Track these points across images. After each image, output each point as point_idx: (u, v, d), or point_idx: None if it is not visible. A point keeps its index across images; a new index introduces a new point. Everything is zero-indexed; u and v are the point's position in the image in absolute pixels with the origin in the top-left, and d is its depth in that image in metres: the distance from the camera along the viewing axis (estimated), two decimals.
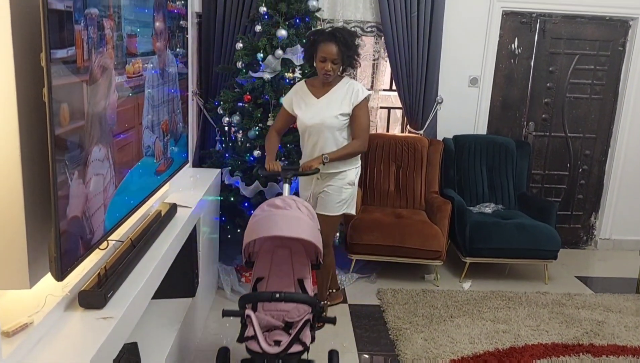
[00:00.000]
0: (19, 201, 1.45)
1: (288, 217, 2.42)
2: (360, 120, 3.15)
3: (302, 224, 2.42)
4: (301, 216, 2.46)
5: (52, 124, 1.35)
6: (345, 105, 3.11)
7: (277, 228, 2.37)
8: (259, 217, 2.44)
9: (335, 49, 2.99)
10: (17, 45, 1.37)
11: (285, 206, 2.47)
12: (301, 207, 2.53)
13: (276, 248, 2.64)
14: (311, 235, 2.43)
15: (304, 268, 2.64)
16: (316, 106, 3.15)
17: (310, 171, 3.04)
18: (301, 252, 2.63)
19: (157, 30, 2.33)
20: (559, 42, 4.69)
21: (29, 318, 1.51)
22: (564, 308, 3.76)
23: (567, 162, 4.95)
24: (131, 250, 2.10)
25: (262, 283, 2.63)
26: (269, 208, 2.47)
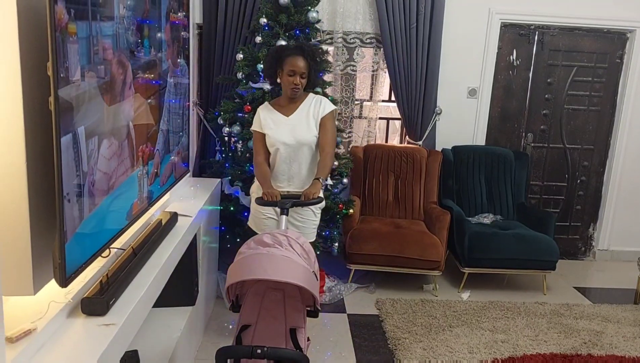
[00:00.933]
0: (24, 208, 1.47)
1: (276, 258, 2.14)
2: (327, 130, 3.01)
3: (291, 266, 2.14)
4: (292, 256, 2.18)
5: (58, 132, 1.38)
6: (316, 122, 3.02)
7: (261, 270, 2.09)
8: (244, 256, 2.19)
9: (303, 63, 2.89)
10: (24, 54, 1.39)
11: (275, 243, 2.22)
12: (294, 244, 2.26)
13: (267, 291, 2.35)
14: (303, 279, 2.14)
15: (298, 315, 2.34)
16: (288, 125, 3.01)
17: (314, 200, 2.79)
18: (296, 296, 2.35)
19: (165, 42, 2.36)
20: (557, 54, 4.74)
21: (32, 324, 1.53)
22: (563, 318, 3.77)
23: (565, 173, 4.98)
24: (133, 258, 2.12)
25: (249, 332, 2.33)
26: (256, 246, 2.23)
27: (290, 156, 3.02)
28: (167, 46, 2.51)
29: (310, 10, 3.80)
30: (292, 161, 3.04)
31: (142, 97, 2.14)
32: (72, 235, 1.54)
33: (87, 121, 1.58)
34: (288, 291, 2.35)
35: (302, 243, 2.32)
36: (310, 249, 2.38)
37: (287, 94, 3.00)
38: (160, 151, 2.49)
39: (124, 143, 1.94)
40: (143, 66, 2.13)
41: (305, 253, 2.29)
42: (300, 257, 2.22)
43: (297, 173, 3.06)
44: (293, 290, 2.33)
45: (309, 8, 3.80)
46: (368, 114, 4.74)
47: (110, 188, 1.83)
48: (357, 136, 4.80)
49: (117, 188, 1.91)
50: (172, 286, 2.55)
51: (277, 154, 3.02)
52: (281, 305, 2.34)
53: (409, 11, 4.32)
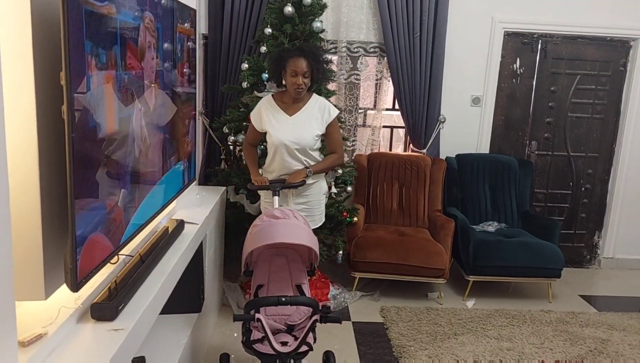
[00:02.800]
0: (36, 214, 1.50)
1: (289, 225, 2.57)
2: (335, 136, 3.26)
3: (302, 231, 2.58)
4: (300, 224, 2.62)
5: (71, 140, 1.40)
6: (318, 125, 3.17)
7: (280, 236, 2.51)
8: (260, 226, 2.58)
9: (304, 63, 3.01)
10: (38, 64, 1.43)
11: (284, 216, 2.63)
12: (297, 216, 2.69)
13: (273, 257, 2.77)
14: (311, 241, 2.59)
15: (301, 274, 2.78)
16: (290, 124, 3.16)
17: (297, 183, 3.12)
18: (297, 259, 2.78)
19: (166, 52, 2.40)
20: (561, 62, 4.77)
21: (43, 328, 1.55)
22: (568, 326, 3.77)
23: (569, 181, 4.99)
24: (140, 265, 2.14)
25: (263, 290, 2.75)
26: (269, 219, 2.61)
27: (291, 155, 3.17)
28: (176, 56, 2.55)
29: (315, 20, 3.84)
30: (293, 160, 3.18)
31: (154, 106, 2.17)
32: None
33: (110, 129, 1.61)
34: (290, 256, 2.77)
35: (302, 216, 2.74)
36: (306, 219, 2.77)
37: (292, 94, 3.11)
38: (170, 158, 2.52)
39: (152, 147, 1.97)
40: (156, 75, 2.16)
41: (304, 222, 2.70)
42: (305, 224, 2.66)
43: (287, 171, 3.22)
44: (294, 254, 2.77)
45: (313, 18, 3.84)
46: (372, 122, 4.76)
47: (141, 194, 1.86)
48: (361, 145, 4.83)
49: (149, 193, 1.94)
50: (179, 293, 2.57)
51: (277, 154, 3.19)
52: (286, 267, 2.78)
53: (412, 20, 4.36)
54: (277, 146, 3.15)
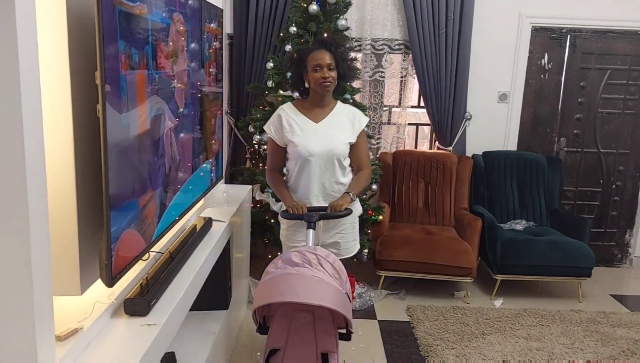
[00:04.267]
0: (72, 211, 1.53)
1: (306, 278, 2.01)
2: (364, 148, 2.79)
3: (324, 287, 2.01)
4: (324, 276, 2.05)
5: (105, 138, 1.43)
6: (349, 132, 2.72)
7: (291, 293, 1.97)
8: (272, 276, 2.07)
9: (327, 55, 2.60)
10: (73, 64, 1.46)
11: (304, 262, 2.08)
12: (324, 263, 2.12)
13: (296, 312, 2.23)
14: (336, 302, 2.01)
15: (330, 338, 2.21)
16: (318, 132, 2.67)
17: (342, 212, 2.56)
18: (327, 318, 2.21)
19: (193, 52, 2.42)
20: (590, 57, 4.68)
21: (79, 323, 1.58)
22: (599, 326, 3.70)
23: (600, 178, 4.90)
24: (170, 262, 2.17)
25: (278, 357, 2.22)
26: (284, 265, 2.10)
27: (322, 168, 2.67)
28: (204, 55, 2.57)
29: (339, 18, 3.84)
30: (324, 174, 2.68)
31: (183, 105, 2.20)
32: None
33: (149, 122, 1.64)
34: (318, 313, 2.22)
35: (332, 261, 2.17)
36: (342, 267, 2.21)
37: (319, 92, 2.64)
38: (199, 157, 2.54)
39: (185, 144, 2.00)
40: (185, 74, 2.19)
41: (336, 272, 2.13)
42: (331, 277, 2.08)
43: (330, 187, 2.71)
44: (323, 311, 2.19)
45: (337, 16, 3.84)
46: (397, 120, 4.74)
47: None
48: (386, 142, 4.81)
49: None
50: (207, 290, 2.59)
51: (304, 168, 2.67)
52: (311, 327, 2.21)
53: (438, 17, 4.33)
54: (305, 158, 2.64)
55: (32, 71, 1.23)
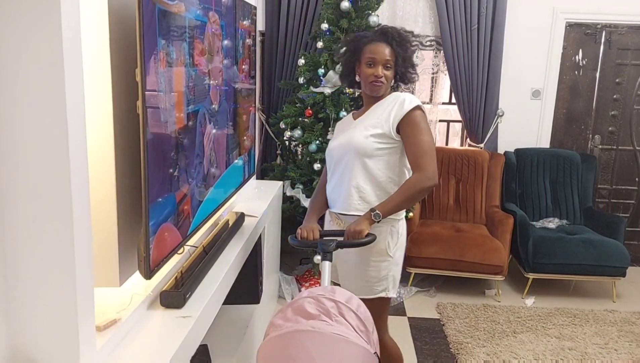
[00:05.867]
0: (112, 205, 1.57)
1: (324, 337, 1.54)
2: (413, 141, 2.13)
3: (348, 348, 1.54)
4: (346, 331, 1.57)
5: (145, 134, 1.47)
6: (381, 120, 2.18)
7: (306, 357, 1.50)
8: (281, 333, 1.59)
9: (387, 49, 2.16)
10: (114, 61, 1.50)
11: (321, 313, 1.60)
12: (346, 313, 1.62)
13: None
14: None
15: None
16: (351, 128, 2.29)
17: (362, 239, 2.06)
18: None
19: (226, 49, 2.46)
20: (626, 53, 4.57)
21: (117, 314, 1.63)
22: (634, 327, 3.63)
23: (635, 176, 4.79)
24: (204, 256, 2.21)
25: None
26: (296, 317, 1.62)
27: (341, 167, 2.26)
28: (238, 52, 2.61)
29: (371, 14, 3.84)
30: (342, 175, 2.25)
31: (219, 102, 2.24)
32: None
33: None
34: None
35: (355, 309, 1.65)
36: (367, 315, 1.70)
37: (367, 91, 2.26)
38: (232, 153, 2.58)
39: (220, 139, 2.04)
40: (220, 71, 2.23)
41: (361, 323, 1.64)
42: (356, 332, 1.60)
43: (347, 192, 2.22)
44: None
45: (369, 12, 3.85)
46: (428, 116, 4.70)
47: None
48: None
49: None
50: (238, 284, 2.63)
51: (329, 168, 2.36)
52: None
53: (470, 12, 4.29)
54: (329, 158, 2.34)
55: (76, 69, 1.28)
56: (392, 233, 2.24)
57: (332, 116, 3.80)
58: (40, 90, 1.22)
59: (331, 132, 3.79)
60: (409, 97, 2.19)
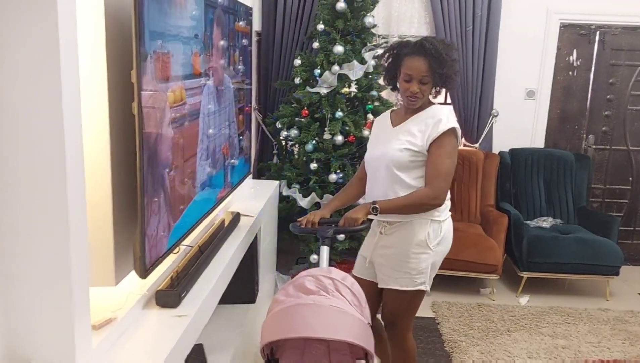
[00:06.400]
0: (108, 204, 1.59)
1: (324, 309, 1.75)
2: (434, 159, 2.23)
3: (344, 318, 1.76)
4: (342, 305, 1.79)
5: (141, 135, 1.49)
6: (417, 137, 2.26)
7: (307, 327, 1.72)
8: (284, 307, 1.80)
9: (424, 65, 2.19)
10: (110, 61, 1.52)
11: (319, 289, 1.82)
12: (342, 289, 1.85)
13: (308, 343, 2.02)
14: (358, 334, 1.76)
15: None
16: (388, 135, 2.36)
17: (356, 226, 2.24)
18: (342, 348, 2.01)
19: (214, 48, 2.47)
20: (620, 53, 4.60)
21: (112, 313, 1.64)
22: (627, 325, 3.66)
23: (629, 176, 4.82)
24: (200, 255, 2.22)
25: None
26: (297, 293, 1.83)
27: (375, 177, 2.37)
28: (234, 53, 2.62)
29: (367, 15, 3.86)
30: (375, 185, 2.37)
31: (215, 102, 2.25)
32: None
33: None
34: (333, 343, 2.01)
35: (350, 286, 1.89)
36: (360, 292, 1.92)
37: (404, 103, 2.33)
38: (228, 153, 2.60)
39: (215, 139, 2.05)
40: (217, 72, 2.24)
41: (355, 298, 1.87)
42: (351, 305, 1.82)
43: (375, 195, 2.36)
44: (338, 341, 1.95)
45: (364, 13, 3.86)
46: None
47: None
48: None
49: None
50: (234, 283, 2.64)
51: (368, 174, 2.45)
52: (326, 359, 2.01)
53: (465, 13, 4.31)
54: (368, 165, 2.43)
55: (73, 69, 1.29)
56: (434, 226, 2.32)
57: (328, 116, 3.82)
58: (36, 91, 1.24)
59: (327, 132, 3.80)
60: (445, 118, 2.25)
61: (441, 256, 2.42)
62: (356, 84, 3.86)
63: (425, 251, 2.31)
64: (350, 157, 3.93)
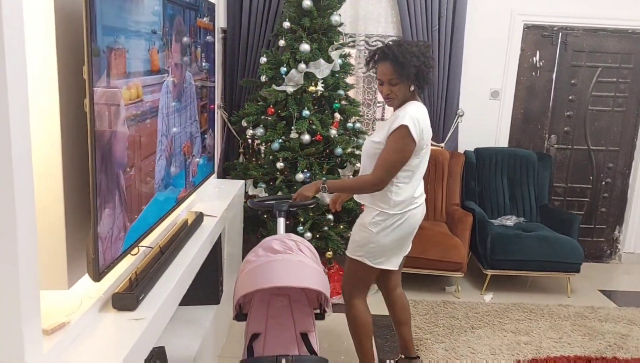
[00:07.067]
0: (60, 206, 1.54)
1: (292, 264, 2.10)
2: (383, 152, 2.49)
3: (307, 270, 2.10)
4: (305, 260, 2.14)
5: (93, 133, 1.44)
6: (384, 131, 2.53)
7: (279, 278, 2.05)
8: (255, 264, 2.12)
9: (388, 69, 2.44)
10: (60, 58, 1.46)
11: (285, 249, 2.16)
12: (303, 249, 2.21)
13: (272, 297, 2.32)
14: (319, 283, 2.11)
15: (307, 319, 2.31)
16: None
17: (306, 202, 2.61)
18: (302, 300, 2.32)
19: (169, 45, 2.42)
20: (581, 55, 4.70)
21: (66, 317, 1.59)
22: (587, 321, 3.74)
23: (589, 175, 4.94)
24: (160, 256, 2.18)
25: (259, 341, 2.30)
26: (266, 253, 2.16)
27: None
28: (196, 50, 2.58)
29: (333, 13, 3.85)
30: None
31: (174, 99, 2.21)
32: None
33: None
34: (294, 295, 2.32)
35: (308, 246, 2.26)
36: (315, 251, 2.30)
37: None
38: (190, 151, 2.55)
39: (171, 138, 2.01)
40: (177, 68, 2.20)
41: (313, 255, 2.24)
42: (312, 260, 2.18)
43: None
44: (299, 294, 2.31)
45: (331, 11, 3.85)
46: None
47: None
48: None
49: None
50: (198, 285, 2.61)
51: None
52: (288, 310, 2.32)
53: (431, 13, 4.34)
54: None
55: (19, 67, 1.24)
56: (382, 216, 2.57)
57: (295, 114, 3.80)
58: None
59: (294, 131, 3.79)
60: (403, 115, 2.45)
61: (386, 248, 2.63)
62: (323, 82, 3.85)
63: (366, 231, 2.60)
64: (317, 156, 3.92)
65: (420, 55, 2.45)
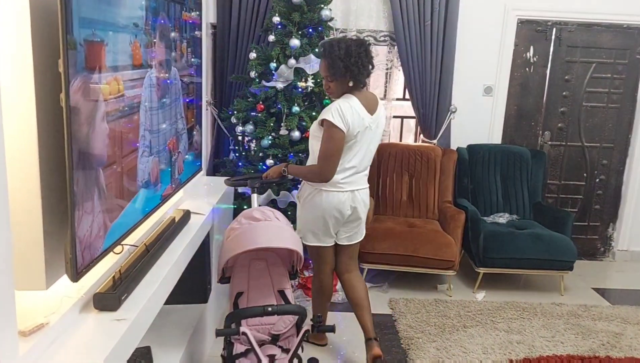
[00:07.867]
0: (37, 204, 1.48)
1: (272, 227, 2.45)
2: (321, 143, 2.73)
3: (285, 233, 2.45)
4: (282, 225, 2.49)
5: (70, 129, 1.39)
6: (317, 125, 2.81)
7: (263, 240, 2.39)
8: (240, 230, 2.41)
9: (323, 66, 2.76)
10: (36, 52, 1.41)
11: (265, 217, 2.49)
12: (279, 217, 2.55)
13: (252, 261, 2.63)
14: (295, 243, 2.47)
15: (283, 278, 2.65)
16: None
17: (272, 179, 3.01)
18: (277, 263, 2.65)
19: (153, 39, 2.37)
20: (575, 50, 4.67)
21: (45, 318, 1.54)
22: (580, 319, 3.72)
23: (583, 172, 4.91)
24: (145, 255, 2.13)
25: (243, 298, 2.59)
26: (248, 221, 2.47)
27: None
28: (182, 45, 2.52)
29: (323, 8, 3.80)
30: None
31: (159, 96, 2.15)
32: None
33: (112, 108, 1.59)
34: (270, 259, 2.65)
35: (282, 215, 2.60)
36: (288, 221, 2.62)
37: None
38: (176, 149, 2.50)
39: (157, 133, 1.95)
40: (162, 64, 2.14)
41: (287, 222, 2.57)
42: (287, 225, 2.52)
43: None
44: (274, 258, 2.65)
45: (322, 6, 3.81)
46: (388, 111, 4.71)
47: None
48: None
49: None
50: (186, 283, 2.56)
51: None
52: (266, 272, 2.64)
53: (423, 8, 4.30)
54: None
55: None
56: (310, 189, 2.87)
57: (285, 111, 3.75)
58: None
59: (283, 127, 3.74)
60: (326, 110, 2.72)
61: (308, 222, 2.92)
62: (313, 78, 3.80)
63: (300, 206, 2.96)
64: (308, 153, 3.86)
65: (344, 56, 2.65)
